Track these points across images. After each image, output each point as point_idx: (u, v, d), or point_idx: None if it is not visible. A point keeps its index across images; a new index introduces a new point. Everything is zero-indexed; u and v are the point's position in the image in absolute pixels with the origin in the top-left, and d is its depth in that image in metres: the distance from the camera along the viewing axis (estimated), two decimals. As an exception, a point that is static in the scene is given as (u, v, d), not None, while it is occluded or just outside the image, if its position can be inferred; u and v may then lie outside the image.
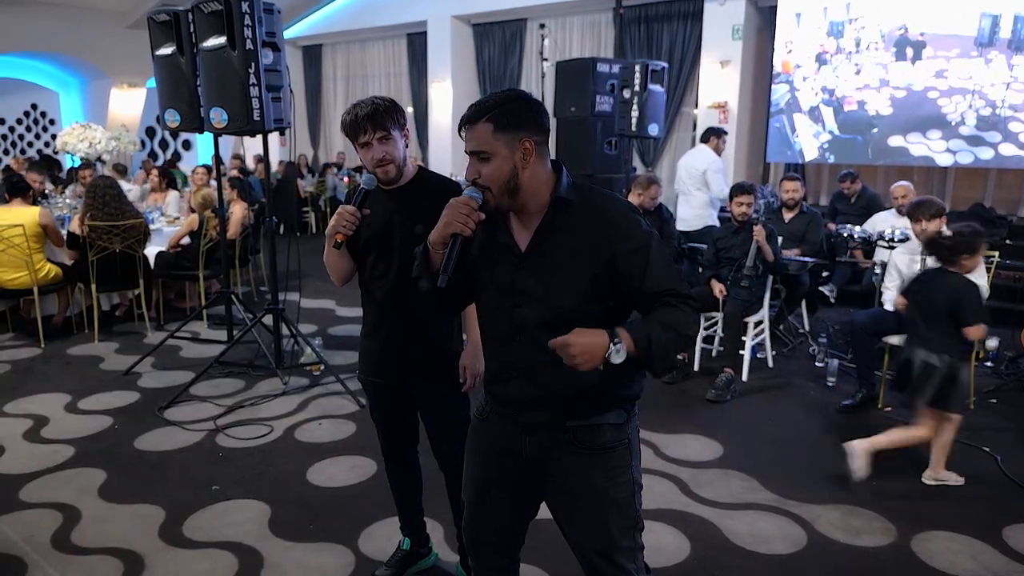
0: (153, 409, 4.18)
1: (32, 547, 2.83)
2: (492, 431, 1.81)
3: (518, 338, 1.68)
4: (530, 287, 1.65)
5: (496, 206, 1.65)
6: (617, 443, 1.71)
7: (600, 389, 1.66)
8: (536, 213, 1.67)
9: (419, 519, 2.66)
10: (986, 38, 7.01)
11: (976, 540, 2.90)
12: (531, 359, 1.66)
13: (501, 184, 1.62)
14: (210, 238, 5.81)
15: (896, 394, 4.33)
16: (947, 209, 7.48)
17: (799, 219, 5.52)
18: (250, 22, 3.97)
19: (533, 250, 1.66)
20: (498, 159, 1.61)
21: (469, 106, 1.66)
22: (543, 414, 1.70)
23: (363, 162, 2.24)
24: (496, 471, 1.82)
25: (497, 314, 1.72)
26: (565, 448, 1.70)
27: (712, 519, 3.05)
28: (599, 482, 1.71)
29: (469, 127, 1.63)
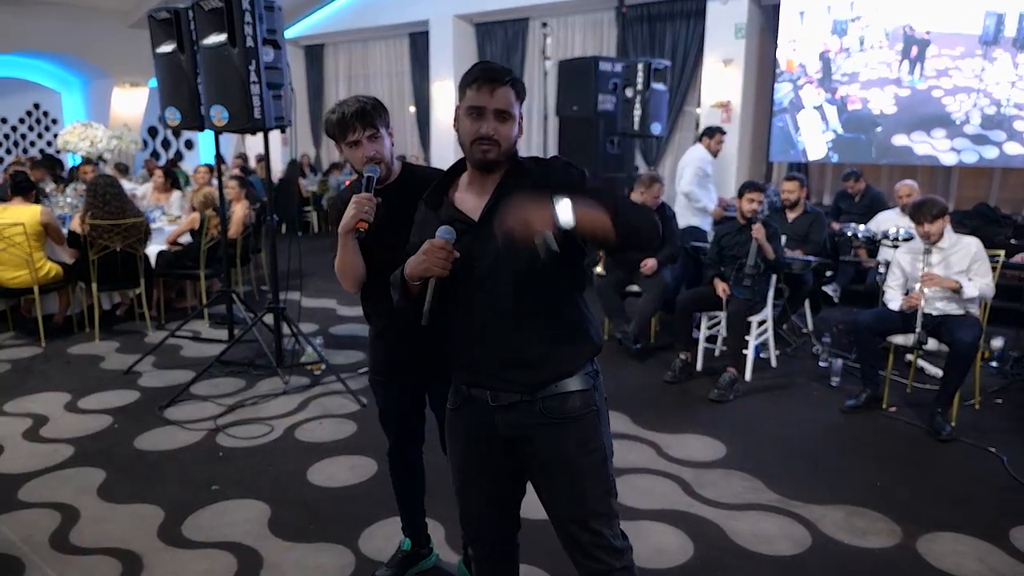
0: (153, 408, 4.17)
1: (30, 547, 2.81)
2: (466, 418, 1.86)
3: (477, 298, 1.74)
4: (486, 247, 1.71)
5: (495, 162, 1.73)
6: (585, 411, 1.78)
7: (556, 336, 1.75)
8: (492, 181, 1.77)
9: (421, 519, 2.64)
10: (991, 36, 6.97)
11: (982, 541, 2.87)
12: (491, 316, 1.73)
13: (510, 144, 1.72)
14: (211, 237, 5.80)
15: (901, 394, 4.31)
16: (951, 208, 7.51)
17: (803, 219, 5.49)
18: (251, 19, 3.96)
19: (488, 214, 1.72)
20: (513, 122, 1.72)
21: (484, 65, 1.74)
22: (508, 371, 1.74)
23: (351, 162, 2.22)
24: (476, 456, 1.87)
25: (457, 283, 1.73)
26: (537, 420, 1.76)
27: (715, 520, 3.03)
28: (572, 451, 1.77)
29: (496, 85, 1.69)
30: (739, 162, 9.03)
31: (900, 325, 4.06)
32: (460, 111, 1.75)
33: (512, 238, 1.55)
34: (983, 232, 6.50)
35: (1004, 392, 4.47)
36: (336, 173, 11.90)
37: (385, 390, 2.42)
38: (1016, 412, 4.21)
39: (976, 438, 3.80)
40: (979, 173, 7.87)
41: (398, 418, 2.45)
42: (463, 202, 1.79)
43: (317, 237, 11.32)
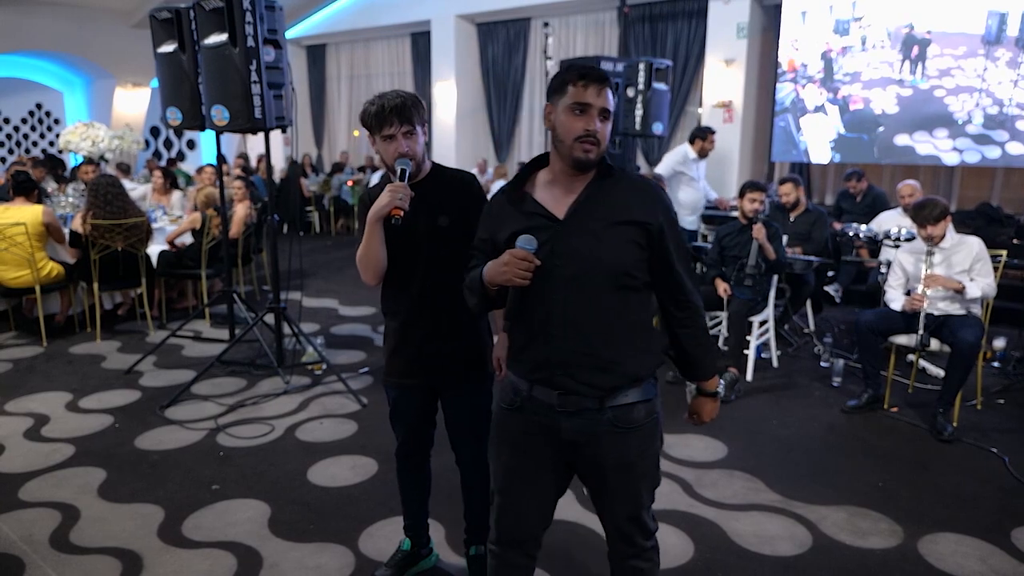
0: (154, 408, 4.17)
1: (30, 546, 2.81)
2: (525, 418, 1.85)
3: (556, 297, 1.74)
4: (570, 246, 1.73)
5: (595, 161, 1.75)
6: (648, 419, 1.83)
7: (629, 343, 1.78)
8: (581, 181, 1.78)
9: (424, 521, 2.64)
10: (993, 36, 6.95)
11: (984, 542, 2.86)
12: (569, 316, 1.74)
13: (605, 145, 1.75)
14: (213, 236, 5.80)
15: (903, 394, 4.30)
16: (953, 208, 7.49)
17: (804, 218, 5.50)
18: (251, 19, 3.96)
19: (576, 212, 1.74)
20: (610, 124, 1.76)
21: (586, 63, 1.79)
22: (581, 374, 1.75)
23: (381, 155, 2.18)
24: (531, 457, 1.87)
25: (536, 278, 1.71)
26: (604, 428, 1.78)
27: (716, 520, 3.02)
28: (633, 457, 1.83)
29: (603, 86, 1.72)
30: (740, 162, 9.02)
31: (902, 325, 4.05)
32: (558, 107, 1.74)
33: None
34: (986, 232, 6.49)
35: (1006, 392, 4.46)
36: (338, 173, 11.90)
37: (398, 391, 2.39)
38: (1018, 412, 4.19)
39: (978, 438, 3.79)
40: (982, 173, 7.86)
41: (409, 421, 2.43)
42: (545, 199, 1.79)
43: (319, 237, 11.32)
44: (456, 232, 2.19)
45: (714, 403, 1.96)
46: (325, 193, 11.59)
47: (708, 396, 1.95)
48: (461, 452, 2.43)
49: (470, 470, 2.46)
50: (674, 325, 1.86)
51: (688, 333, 1.86)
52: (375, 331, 5.85)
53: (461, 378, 2.32)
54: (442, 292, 2.22)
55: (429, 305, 2.25)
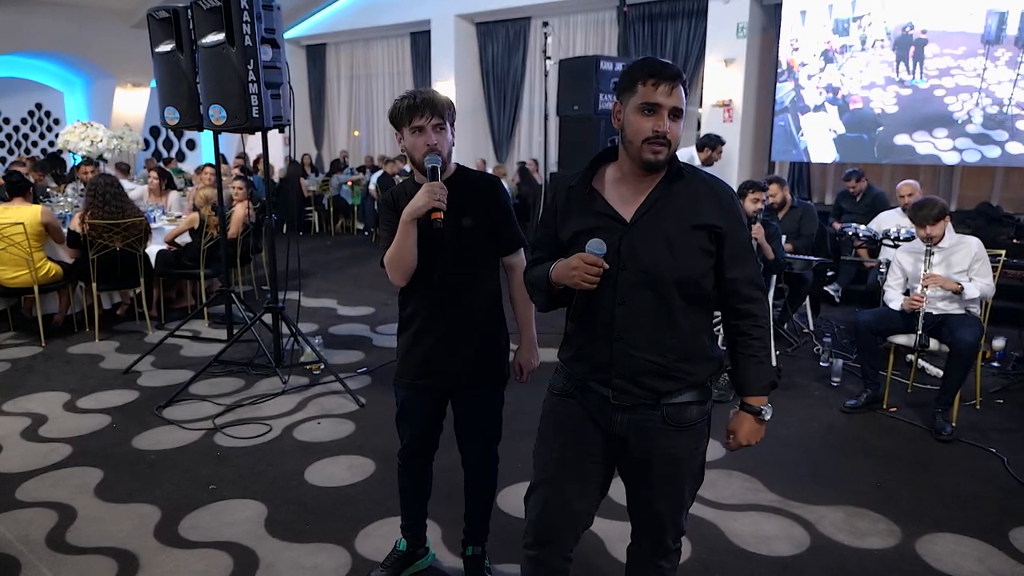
0: (152, 408, 4.16)
1: (27, 546, 2.81)
2: (578, 408, 1.83)
3: (621, 302, 1.72)
4: (636, 251, 1.69)
5: (665, 163, 1.70)
6: (700, 419, 1.81)
7: (692, 352, 1.75)
8: (650, 181, 1.73)
9: (422, 523, 2.62)
10: (993, 35, 6.94)
11: (983, 543, 2.85)
12: (633, 322, 1.71)
13: (677, 145, 1.70)
14: (211, 236, 5.80)
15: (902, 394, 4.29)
16: (953, 208, 7.48)
17: (791, 214, 5.58)
18: (249, 18, 3.95)
19: (644, 214, 1.70)
20: (682, 123, 1.70)
21: (658, 60, 1.69)
22: (640, 379, 1.73)
23: (408, 150, 2.15)
24: (582, 444, 1.84)
25: (600, 280, 1.68)
26: (656, 424, 1.77)
27: (714, 520, 3.01)
28: (683, 455, 1.81)
29: (675, 84, 1.66)
30: (740, 161, 9.01)
31: (901, 325, 4.04)
32: (627, 106, 1.69)
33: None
34: (985, 231, 6.49)
35: (1005, 392, 4.45)
36: (337, 173, 11.90)
37: (408, 392, 2.35)
38: (1017, 412, 4.18)
39: (977, 438, 3.78)
40: (981, 172, 7.85)
41: (421, 423, 2.39)
42: (613, 198, 1.75)
43: (318, 237, 11.31)
44: (479, 234, 2.19)
45: (755, 424, 1.82)
46: (324, 193, 11.59)
47: (750, 414, 1.81)
48: (469, 453, 2.42)
49: (476, 472, 2.45)
50: (729, 332, 1.81)
51: (741, 341, 1.78)
52: (373, 331, 5.85)
53: (476, 379, 2.30)
54: (462, 293, 2.22)
55: (449, 306, 2.23)
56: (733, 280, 1.74)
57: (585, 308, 1.76)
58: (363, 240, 10.89)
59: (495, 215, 2.23)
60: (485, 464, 2.41)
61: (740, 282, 1.74)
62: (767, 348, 1.79)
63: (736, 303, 1.76)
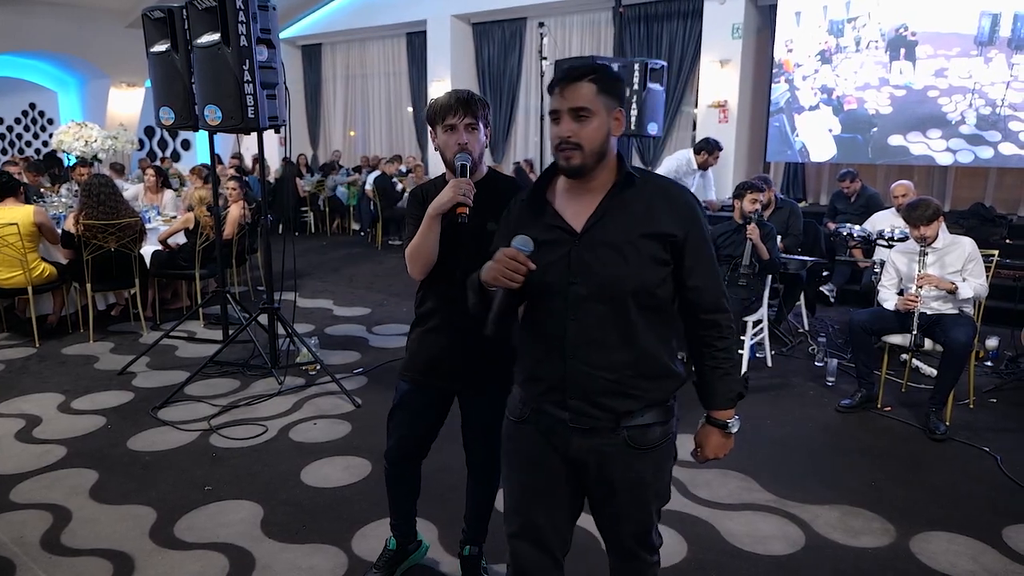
0: (147, 409, 4.15)
1: (21, 548, 2.80)
2: (535, 433, 1.75)
3: (573, 317, 1.64)
4: (587, 263, 1.62)
5: (580, 168, 1.62)
6: (663, 440, 1.74)
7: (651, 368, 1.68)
8: (599, 189, 1.66)
9: (412, 522, 2.62)
10: (986, 37, 6.98)
11: (976, 541, 2.86)
12: (586, 337, 1.64)
13: (595, 146, 1.60)
14: (206, 236, 5.78)
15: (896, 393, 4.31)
16: (947, 208, 7.51)
17: (777, 214, 5.63)
18: (244, 18, 3.94)
19: (594, 225, 1.63)
20: (596, 120, 1.59)
21: (564, 66, 1.64)
22: (595, 398, 1.66)
23: (441, 148, 2.16)
24: (543, 474, 1.77)
25: (548, 296, 1.66)
26: (617, 448, 1.69)
27: (710, 520, 3.02)
28: (647, 477, 1.74)
29: (571, 84, 1.59)
30: (736, 162, 9.04)
31: (895, 325, 4.06)
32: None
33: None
34: (979, 232, 6.51)
35: (998, 392, 4.47)
36: (332, 174, 11.89)
37: (413, 387, 2.34)
38: (1010, 411, 4.21)
39: (970, 437, 3.80)
40: (975, 173, 7.88)
41: (419, 422, 2.37)
42: (563, 207, 1.68)
43: (314, 237, 11.30)
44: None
45: (722, 438, 1.79)
46: (320, 193, 11.58)
47: (716, 427, 1.78)
48: (475, 453, 2.41)
49: (479, 472, 2.45)
50: (693, 343, 1.73)
51: (706, 353, 1.71)
52: (370, 332, 5.84)
53: (484, 380, 2.28)
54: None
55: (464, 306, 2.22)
56: (695, 289, 1.67)
57: (534, 321, 1.70)
58: (359, 241, 10.87)
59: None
60: (488, 465, 2.40)
61: (702, 291, 1.67)
62: (733, 359, 1.73)
63: (699, 313, 1.69)
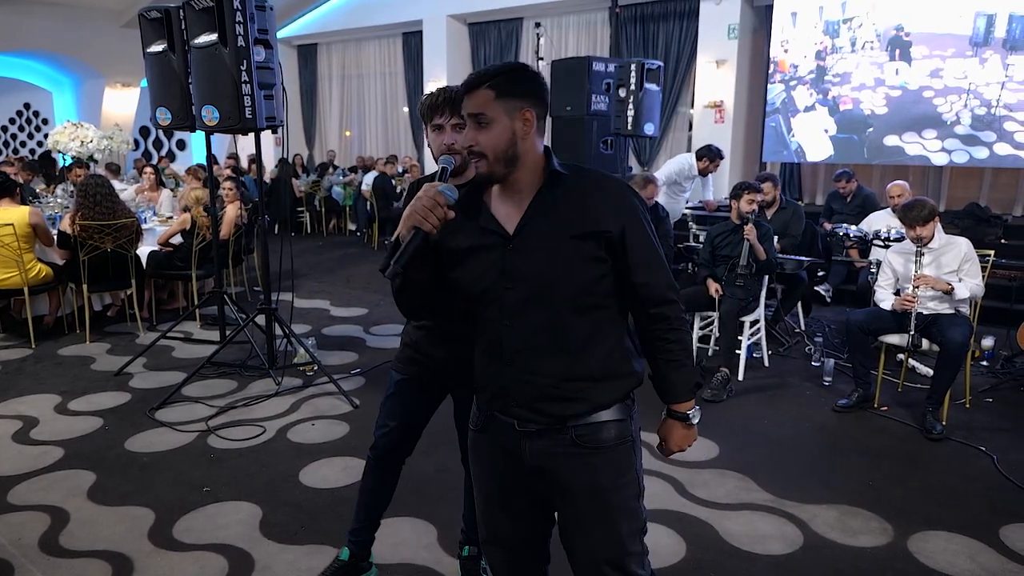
0: (144, 410, 4.14)
1: (20, 550, 2.79)
2: (490, 441, 1.72)
3: (508, 323, 1.60)
4: (520, 267, 1.57)
5: (489, 176, 1.57)
6: (620, 440, 1.64)
7: (597, 370, 1.61)
8: (526, 191, 1.61)
9: (373, 533, 2.52)
10: (981, 37, 7.00)
11: (973, 540, 2.88)
12: (524, 343, 1.60)
13: (499, 152, 1.55)
14: (203, 237, 5.77)
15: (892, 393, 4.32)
16: (942, 208, 7.54)
17: (780, 214, 5.66)
18: (242, 19, 3.93)
19: (524, 228, 1.58)
20: (497, 126, 1.54)
21: (469, 75, 1.60)
22: (541, 411, 1.61)
23: (431, 147, 2.14)
24: (501, 481, 1.73)
25: (485, 303, 1.63)
26: (567, 449, 1.62)
27: (708, 520, 3.03)
28: (606, 483, 1.63)
29: (470, 92, 1.55)
30: (732, 162, 9.05)
31: (892, 325, 4.07)
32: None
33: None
34: (974, 232, 6.54)
35: (994, 391, 4.49)
36: (329, 173, 11.88)
37: (405, 379, 2.30)
38: (1006, 411, 4.22)
39: (966, 437, 3.82)
40: (970, 173, 7.91)
41: (407, 412, 2.33)
42: (498, 210, 1.63)
43: (310, 237, 11.28)
44: None
45: (685, 430, 1.73)
46: (315, 193, 11.57)
47: (678, 420, 1.72)
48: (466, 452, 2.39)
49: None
50: (645, 337, 1.67)
51: (659, 347, 1.65)
52: (367, 332, 5.84)
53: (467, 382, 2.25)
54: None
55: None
56: (643, 285, 1.61)
57: (474, 328, 1.66)
58: (355, 241, 10.87)
59: None
60: None
61: (650, 286, 1.61)
62: (687, 350, 1.68)
63: (648, 308, 1.63)
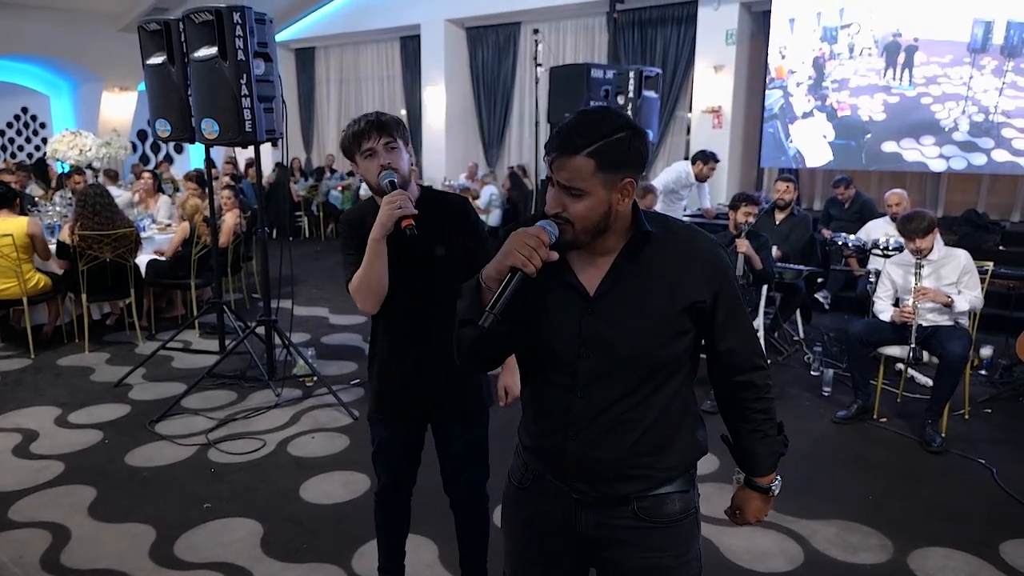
0: (144, 422, 4.14)
1: (22, 568, 2.79)
2: (536, 502, 1.58)
3: (580, 394, 1.45)
4: (601, 335, 1.42)
5: (571, 242, 1.40)
6: (685, 514, 1.54)
7: (666, 446, 1.50)
8: (613, 250, 1.44)
9: (400, 560, 2.52)
10: (979, 44, 7.02)
11: (973, 556, 2.89)
12: (594, 418, 1.45)
13: (590, 224, 1.38)
14: (203, 245, 5.77)
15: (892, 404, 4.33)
16: (938, 214, 7.55)
17: (788, 221, 5.67)
18: (241, 32, 3.94)
19: (607, 292, 1.42)
20: (593, 199, 1.36)
21: (564, 129, 1.37)
22: (603, 483, 1.49)
23: (366, 178, 2.07)
24: (541, 547, 1.59)
25: (552, 367, 1.47)
26: (629, 523, 1.49)
27: (709, 536, 3.02)
28: (668, 561, 1.52)
29: (564, 157, 1.35)
30: (730, 167, 9.06)
31: (891, 336, 4.09)
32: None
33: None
34: (972, 238, 6.56)
35: (993, 402, 4.50)
36: (326, 178, 11.87)
37: (384, 429, 2.27)
38: (1005, 422, 4.24)
39: (966, 449, 3.83)
40: (968, 179, 7.93)
41: (398, 460, 2.30)
42: (575, 263, 1.45)
43: (309, 243, 11.27)
44: (452, 262, 2.07)
45: (764, 503, 1.62)
46: (314, 198, 11.56)
47: (758, 492, 1.62)
48: (456, 494, 2.33)
49: (465, 514, 2.36)
50: (728, 405, 1.57)
51: (744, 416, 1.54)
52: (366, 341, 5.82)
53: (453, 413, 2.21)
54: (435, 324, 2.08)
55: (422, 338, 2.13)
56: (728, 352, 1.50)
57: (539, 388, 1.50)
58: (353, 245, 10.84)
59: (468, 237, 2.12)
60: (474, 506, 2.33)
61: (736, 353, 1.50)
62: (772, 419, 1.56)
63: (734, 376, 1.53)
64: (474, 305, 1.41)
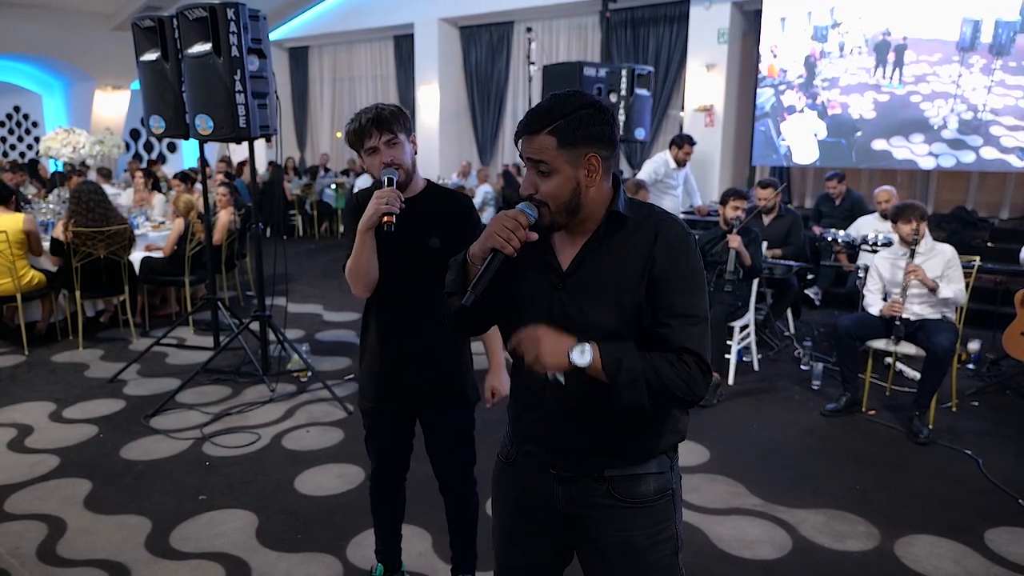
0: (139, 417, 4.16)
1: (18, 559, 2.81)
2: (520, 477, 1.63)
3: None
4: (571, 311, 1.47)
5: (550, 224, 1.47)
6: (660, 495, 1.54)
7: (640, 428, 1.51)
8: (589, 231, 1.49)
9: (397, 544, 2.60)
10: (968, 43, 7.09)
11: (958, 543, 2.93)
12: (565, 395, 1.49)
13: (561, 203, 1.44)
14: (197, 241, 5.78)
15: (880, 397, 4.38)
16: (929, 211, 7.61)
17: (779, 221, 5.67)
18: (235, 29, 3.96)
19: (577, 270, 1.48)
20: (560, 176, 1.42)
21: (530, 111, 1.44)
22: (577, 459, 1.53)
23: (370, 172, 2.13)
24: (526, 520, 1.65)
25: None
26: (603, 500, 1.53)
27: (698, 524, 3.07)
28: (641, 541, 1.53)
29: (528, 136, 1.43)
30: (722, 165, 9.13)
31: (880, 330, 4.14)
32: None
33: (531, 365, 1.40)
34: (961, 235, 6.63)
35: (980, 395, 4.56)
36: (320, 176, 11.88)
37: (374, 418, 2.33)
38: (991, 415, 4.29)
39: (952, 440, 3.88)
40: (957, 177, 8.00)
41: (385, 446, 2.38)
42: (556, 242, 1.53)
43: (302, 241, 11.28)
44: (446, 256, 2.04)
45: (560, 344, 1.38)
46: (308, 196, 11.57)
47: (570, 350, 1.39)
48: (444, 479, 2.39)
49: (454, 498, 2.41)
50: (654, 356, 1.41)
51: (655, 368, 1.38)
52: (359, 336, 5.86)
53: (439, 403, 2.27)
54: (425, 315, 2.17)
55: (411, 328, 2.19)
56: (671, 329, 1.43)
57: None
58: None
59: (466, 235, 2.12)
60: (462, 490, 2.38)
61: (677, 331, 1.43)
62: (664, 383, 1.38)
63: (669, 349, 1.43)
64: (459, 278, 1.53)
